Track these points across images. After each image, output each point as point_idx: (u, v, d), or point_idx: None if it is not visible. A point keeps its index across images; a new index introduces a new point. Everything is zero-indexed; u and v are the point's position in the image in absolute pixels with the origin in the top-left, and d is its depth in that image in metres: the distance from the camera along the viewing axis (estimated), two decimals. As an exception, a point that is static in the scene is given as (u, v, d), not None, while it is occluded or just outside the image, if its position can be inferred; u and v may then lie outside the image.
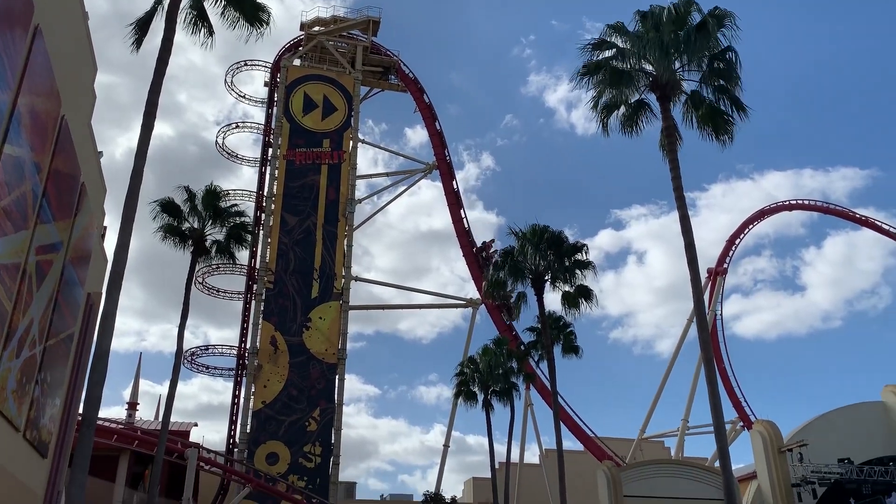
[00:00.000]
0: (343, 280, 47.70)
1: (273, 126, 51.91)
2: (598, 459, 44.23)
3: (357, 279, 50.53)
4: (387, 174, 58.83)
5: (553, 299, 30.37)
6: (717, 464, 20.10)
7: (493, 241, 52.49)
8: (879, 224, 62.88)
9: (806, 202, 63.79)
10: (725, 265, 59.90)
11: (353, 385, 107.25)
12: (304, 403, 44.08)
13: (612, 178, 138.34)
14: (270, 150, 51.42)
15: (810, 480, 28.71)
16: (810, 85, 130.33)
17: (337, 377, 45.34)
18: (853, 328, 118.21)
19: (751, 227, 61.65)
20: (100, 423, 31.68)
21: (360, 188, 66.74)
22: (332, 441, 43.59)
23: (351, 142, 51.90)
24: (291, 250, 47.69)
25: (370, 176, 59.84)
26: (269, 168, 50.74)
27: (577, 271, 29.47)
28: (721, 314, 60.96)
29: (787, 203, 63.58)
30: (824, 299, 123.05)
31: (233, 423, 44.64)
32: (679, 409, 52.99)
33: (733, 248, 60.65)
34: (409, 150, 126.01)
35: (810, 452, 29.17)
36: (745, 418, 55.94)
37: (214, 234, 26.59)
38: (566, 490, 27.88)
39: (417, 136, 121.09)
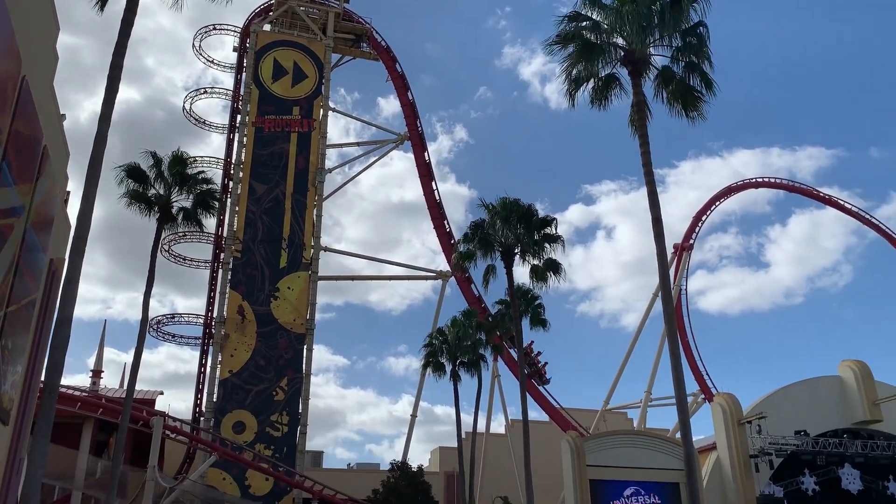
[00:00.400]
0: (312, 250, 47.44)
1: (242, 92, 51.04)
2: (563, 430, 44.96)
3: (326, 250, 50.32)
4: (358, 144, 58.53)
5: (522, 272, 30.61)
6: (678, 435, 20.54)
7: (539, 353, 51.65)
8: (842, 203, 64.19)
9: (772, 180, 64.75)
10: (692, 241, 60.76)
11: (321, 355, 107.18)
12: (271, 373, 44.01)
13: (584, 154, 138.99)
14: (239, 117, 50.62)
15: (767, 452, 29.49)
16: (781, 64, 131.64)
17: (305, 347, 45.29)
18: (814, 305, 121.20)
19: (717, 203, 62.49)
20: (63, 390, 31.33)
21: (332, 158, 66.08)
22: (300, 410, 43.68)
23: (321, 110, 51.29)
24: (259, 219, 47.23)
25: (341, 145, 59.43)
26: (237, 135, 50.02)
27: (547, 245, 29.65)
28: (686, 289, 62.02)
29: (754, 181, 64.49)
30: (787, 276, 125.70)
31: (199, 391, 44.47)
32: (643, 382, 54.17)
33: (700, 225, 61.52)
34: (382, 120, 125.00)
35: (768, 425, 29.93)
36: (707, 391, 57.21)
37: (181, 201, 26.22)
38: (531, 459, 28.35)
39: (390, 105, 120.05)
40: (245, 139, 49.08)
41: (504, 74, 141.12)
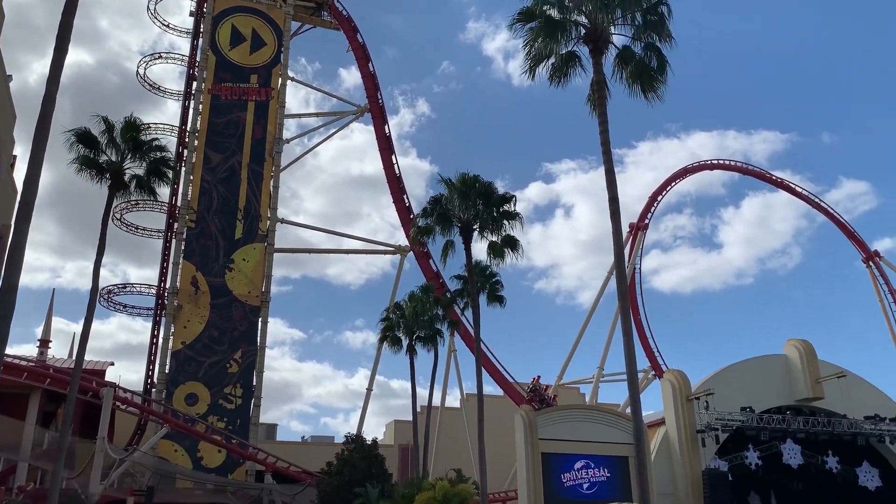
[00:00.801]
0: (269, 222, 46.86)
1: (199, 58, 49.80)
2: (517, 404, 45.58)
3: (283, 221, 49.75)
4: (317, 115, 57.67)
5: (481, 248, 30.73)
6: (628, 410, 21.00)
7: (547, 386, 50.76)
8: (793, 186, 65.77)
9: (726, 162, 65.85)
10: (647, 220, 61.67)
11: (277, 329, 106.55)
12: (225, 345, 43.59)
13: (545, 132, 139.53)
14: (195, 84, 49.42)
15: (714, 427, 30.30)
16: (739, 49, 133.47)
17: (260, 320, 44.90)
18: (764, 285, 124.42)
19: (673, 184, 63.43)
20: (8, 360, 30.53)
21: (291, 128, 65.28)
22: (254, 383, 43.40)
23: (280, 79, 50.39)
24: (215, 189, 46.41)
25: (300, 115, 58.51)
26: (192, 102, 48.88)
27: (505, 222, 29.75)
28: (640, 268, 63.08)
29: (709, 162, 65.53)
30: (739, 257, 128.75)
31: (151, 363, 43.86)
32: (596, 358, 55.04)
33: (655, 205, 62.43)
34: (343, 91, 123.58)
35: (716, 401, 30.73)
36: (657, 368, 58.51)
37: (134, 168, 25.52)
38: (485, 433, 28.70)
39: (352, 77, 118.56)
40: (201, 107, 48.01)
41: (467, 49, 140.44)
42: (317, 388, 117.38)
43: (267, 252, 46.23)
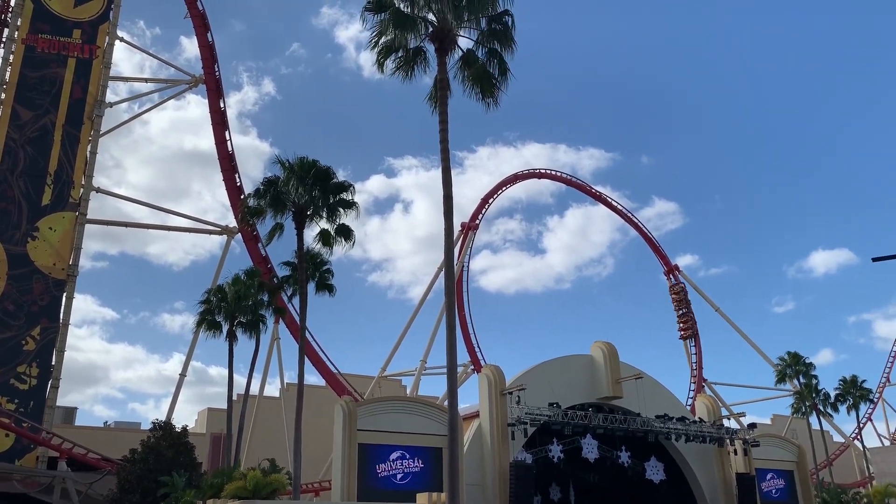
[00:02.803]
0: (82, 189, 43.28)
1: (13, 4, 44.96)
2: (339, 395, 45.41)
3: (99, 191, 46.17)
4: (146, 80, 53.96)
5: (314, 235, 30.21)
6: (447, 403, 21.62)
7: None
8: (611, 201, 70.93)
9: (553, 172, 69.64)
10: (478, 221, 63.71)
11: (87, 306, 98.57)
12: (21, 320, 39.79)
13: (391, 127, 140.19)
14: (7, 32, 44.59)
15: (523, 421, 31.81)
16: (577, 69, 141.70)
17: (64, 295, 41.39)
18: (580, 291, 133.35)
19: (504, 189, 66.10)
20: None
21: (121, 93, 60.71)
22: (53, 362, 39.94)
23: (107, 37, 46.69)
24: (22, 148, 42.21)
25: (126, 79, 54.57)
26: (2, 52, 44.07)
27: (341, 210, 29.44)
28: (468, 266, 65.04)
29: (538, 171, 69.11)
30: (559, 263, 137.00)
31: (-71, 336, 39.09)
32: (421, 352, 56.06)
33: (486, 206, 64.66)
34: (182, 61, 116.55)
35: (527, 396, 32.29)
36: (477, 362, 60.66)
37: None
38: (305, 423, 28.29)
39: (194, 47, 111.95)
40: (12, 57, 43.43)
41: (320, 34, 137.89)
42: (127, 372, 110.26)
43: (78, 222, 42.68)
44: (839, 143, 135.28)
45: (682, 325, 69.53)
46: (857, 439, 63.01)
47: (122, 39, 49.58)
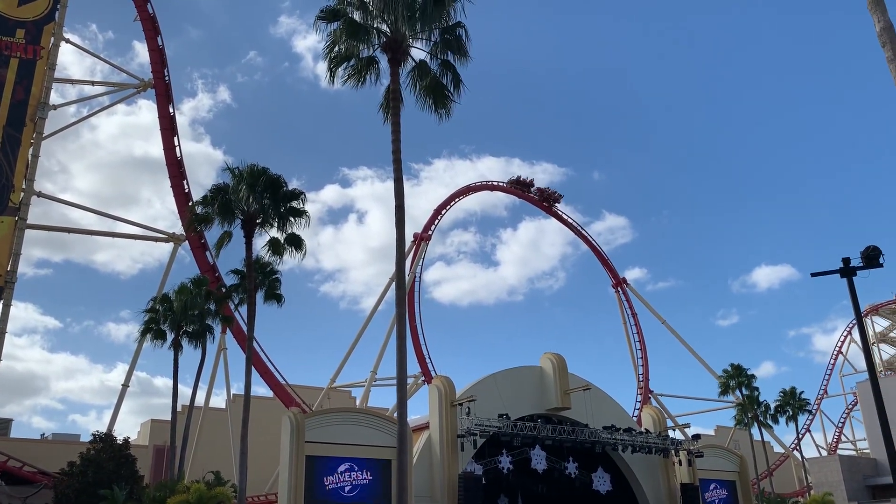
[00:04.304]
0: (23, 193, 41.93)
1: (-49, -1, 43.50)
2: (286, 406, 44.76)
3: (41, 195, 44.78)
4: (92, 83, 52.68)
5: (264, 244, 29.82)
6: (396, 414, 21.52)
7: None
8: (563, 215, 71.85)
9: (505, 185, 70.21)
10: (430, 232, 63.81)
11: (27, 314, 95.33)
12: (-45, 328, 38.23)
13: (347, 137, 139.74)
14: (-56, 28, 43.09)
15: (473, 432, 31.84)
16: (533, 85, 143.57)
17: (1, 302, 39.95)
18: (532, 303, 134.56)
19: (456, 200, 66.43)
20: None
21: (70, 96, 59.19)
22: (-12, 372, 38.51)
23: (53, 38, 45.46)
24: (-41, 150, 40.70)
25: (71, 81, 53.10)
26: (-61, 48, 42.55)
27: (291, 219, 29.12)
28: (420, 276, 65.05)
29: (490, 183, 69.64)
30: (512, 276, 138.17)
31: None
32: (371, 363, 55.69)
33: (439, 217, 64.88)
34: (136, 66, 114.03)
35: (477, 407, 32.35)
36: (427, 373, 60.55)
37: None
38: (252, 435, 27.82)
39: (147, 52, 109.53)
40: (-51, 54, 41.94)
41: (277, 43, 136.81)
42: (68, 382, 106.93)
43: (17, 227, 41.30)
44: (784, 163, 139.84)
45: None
46: (797, 450, 64.79)
47: (69, 41, 48.36)
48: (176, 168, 49.04)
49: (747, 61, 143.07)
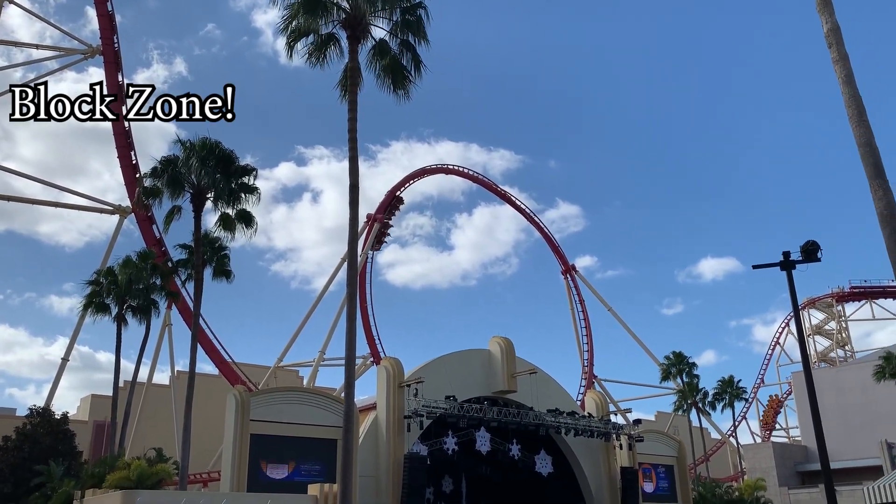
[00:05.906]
0: (-40, 158, 40.33)
1: None
2: (232, 384, 44.30)
3: (-21, 160, 43.12)
4: (36, 46, 50.81)
5: (213, 219, 29.32)
6: (343, 394, 21.54)
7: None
8: (517, 201, 72.24)
9: (461, 169, 70.26)
10: (384, 213, 63.54)
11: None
12: None
13: (305, 115, 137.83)
14: None
15: (420, 413, 32.00)
16: (494, 70, 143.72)
17: (-65, 270, 38.49)
18: (484, 288, 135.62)
19: (412, 182, 66.20)
20: None
21: (18, 60, 56.93)
22: (-82, 343, 37.08)
23: (-5, -2, 43.65)
24: None
25: (16, 44, 51.17)
26: None
27: (243, 195, 28.68)
28: (373, 258, 64.82)
29: (446, 167, 69.47)
30: (466, 260, 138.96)
31: None
32: (321, 343, 55.43)
33: (393, 199, 64.59)
34: (87, 33, 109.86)
35: (425, 389, 32.49)
36: (377, 354, 60.60)
37: None
38: (196, 412, 27.47)
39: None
40: None
41: (236, 17, 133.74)
42: (6, 356, 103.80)
43: (-47, 193, 39.76)
44: (734, 157, 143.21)
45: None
46: (733, 436, 66.95)
47: (14, 2, 46.49)
48: (123, 139, 47.75)
49: (697, 57, 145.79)
